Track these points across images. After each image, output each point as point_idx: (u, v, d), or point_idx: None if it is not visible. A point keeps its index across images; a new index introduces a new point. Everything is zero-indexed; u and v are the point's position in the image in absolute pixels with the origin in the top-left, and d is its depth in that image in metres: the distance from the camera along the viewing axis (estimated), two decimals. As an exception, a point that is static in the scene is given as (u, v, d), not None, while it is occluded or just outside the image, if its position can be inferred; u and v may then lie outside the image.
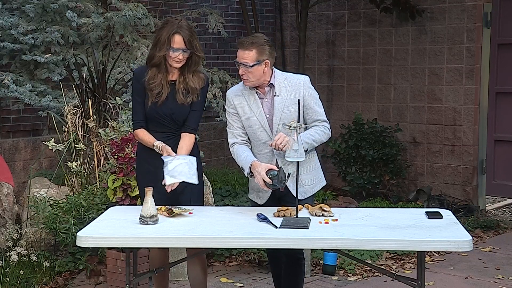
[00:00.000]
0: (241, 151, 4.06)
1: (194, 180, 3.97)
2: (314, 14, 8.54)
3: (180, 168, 3.94)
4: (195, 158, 4.03)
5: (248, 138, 4.14)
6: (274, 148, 3.93)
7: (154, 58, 4.04)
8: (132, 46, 6.18)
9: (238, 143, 4.11)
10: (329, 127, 4.14)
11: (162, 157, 3.98)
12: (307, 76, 4.17)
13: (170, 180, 3.92)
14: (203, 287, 4.31)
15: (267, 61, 3.99)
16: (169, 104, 4.08)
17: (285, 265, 4.26)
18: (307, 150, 3.97)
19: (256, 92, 4.08)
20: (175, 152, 4.05)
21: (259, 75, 3.99)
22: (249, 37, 4.08)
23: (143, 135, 4.14)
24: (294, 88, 4.06)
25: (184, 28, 4.00)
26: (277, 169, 3.86)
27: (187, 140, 4.12)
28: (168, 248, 4.34)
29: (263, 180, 3.86)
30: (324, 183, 4.30)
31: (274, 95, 4.05)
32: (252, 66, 3.94)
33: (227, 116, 4.16)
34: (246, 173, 3.99)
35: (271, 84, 4.06)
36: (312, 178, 4.18)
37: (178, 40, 3.97)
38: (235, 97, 4.11)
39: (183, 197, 4.14)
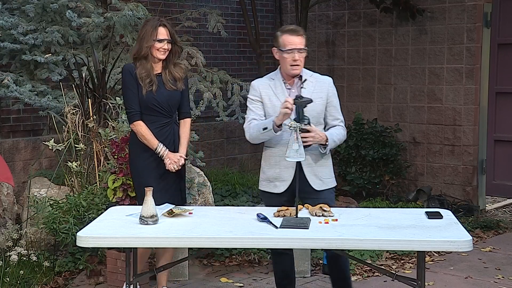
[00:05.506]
0: (259, 120, 4.18)
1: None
2: (314, 14, 8.54)
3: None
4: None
5: None
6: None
7: (142, 50, 4.38)
8: (132, 46, 6.17)
9: (256, 120, 4.22)
10: (345, 127, 4.41)
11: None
12: (331, 78, 4.38)
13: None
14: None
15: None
16: (163, 92, 4.43)
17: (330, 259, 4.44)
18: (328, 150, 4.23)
19: (284, 83, 4.24)
20: (175, 140, 4.49)
21: None
22: (292, 25, 4.34)
23: (145, 129, 4.40)
24: (321, 85, 4.27)
25: (166, 22, 4.44)
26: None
27: (187, 126, 4.59)
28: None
29: (287, 101, 3.93)
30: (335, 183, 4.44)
31: (301, 87, 4.21)
32: (305, 49, 4.16)
33: (249, 104, 4.29)
34: (270, 126, 4.03)
35: (300, 76, 4.23)
36: (328, 173, 4.30)
37: (162, 32, 4.38)
38: (262, 86, 4.28)
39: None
